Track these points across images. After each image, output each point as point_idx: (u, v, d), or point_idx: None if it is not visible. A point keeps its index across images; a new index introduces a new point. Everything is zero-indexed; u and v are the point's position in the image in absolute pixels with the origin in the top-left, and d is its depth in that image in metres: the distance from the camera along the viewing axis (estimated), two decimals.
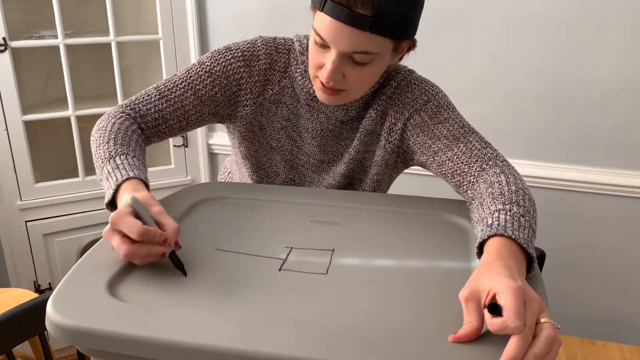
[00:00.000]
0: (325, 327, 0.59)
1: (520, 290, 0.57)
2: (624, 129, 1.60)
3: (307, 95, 0.99)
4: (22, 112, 1.81)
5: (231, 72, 0.98)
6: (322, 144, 1.02)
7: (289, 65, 1.00)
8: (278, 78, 1.00)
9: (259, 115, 1.01)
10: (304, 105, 1.00)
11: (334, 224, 0.85)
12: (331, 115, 0.99)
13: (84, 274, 0.68)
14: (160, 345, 0.56)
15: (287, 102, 1.01)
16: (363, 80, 0.90)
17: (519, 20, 1.61)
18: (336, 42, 0.83)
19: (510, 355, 0.53)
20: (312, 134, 1.01)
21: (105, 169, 0.83)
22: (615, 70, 1.56)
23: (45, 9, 1.84)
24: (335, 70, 0.85)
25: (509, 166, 0.90)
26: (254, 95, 0.99)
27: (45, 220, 1.94)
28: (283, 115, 1.01)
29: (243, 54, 0.98)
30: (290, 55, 1.00)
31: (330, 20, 0.81)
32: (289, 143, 1.03)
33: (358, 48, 0.83)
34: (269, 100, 1.00)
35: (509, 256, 0.66)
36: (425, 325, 0.60)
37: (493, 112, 1.71)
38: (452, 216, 0.89)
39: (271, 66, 0.99)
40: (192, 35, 1.95)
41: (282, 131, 1.02)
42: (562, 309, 1.81)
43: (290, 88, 1.00)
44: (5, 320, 0.98)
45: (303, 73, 0.98)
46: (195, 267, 0.71)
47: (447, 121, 0.95)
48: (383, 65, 0.90)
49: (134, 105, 0.97)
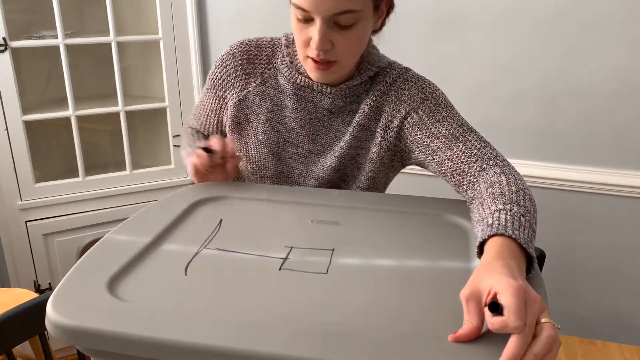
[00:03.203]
0: (325, 327, 0.59)
1: (522, 289, 0.57)
2: (624, 129, 1.60)
3: (293, 85, 1.00)
4: (22, 112, 1.81)
5: (217, 80, 1.06)
6: (311, 134, 1.03)
7: (272, 57, 1.03)
8: (260, 70, 1.03)
9: (244, 108, 1.04)
10: (291, 96, 1.01)
11: (334, 224, 0.85)
12: (318, 103, 1.01)
13: (84, 274, 0.68)
14: (160, 345, 0.56)
15: (271, 93, 1.03)
16: (352, 45, 0.91)
17: (519, 21, 1.61)
18: (318, 8, 0.84)
19: (510, 354, 0.53)
20: (300, 124, 1.03)
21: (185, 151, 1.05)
22: (615, 70, 1.56)
23: (45, 9, 1.84)
24: (323, 39, 0.87)
25: (509, 166, 0.89)
26: (237, 90, 1.04)
27: (45, 220, 1.94)
28: (267, 106, 1.03)
29: (222, 59, 1.05)
30: (276, 49, 1.03)
31: None
32: (274, 135, 1.04)
33: (340, 8, 0.84)
34: (253, 93, 1.03)
35: (509, 256, 0.66)
36: (425, 325, 0.60)
37: (493, 112, 1.71)
38: (452, 216, 0.89)
39: (250, 60, 1.03)
40: (192, 35, 1.95)
41: (267, 123, 1.04)
42: (562, 308, 1.81)
43: (273, 80, 1.03)
44: (5, 320, 0.98)
45: (289, 64, 1.00)
46: (195, 267, 0.71)
47: (446, 120, 0.94)
48: (368, 29, 0.92)
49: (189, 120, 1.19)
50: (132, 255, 0.72)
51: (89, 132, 2.08)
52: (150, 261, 0.72)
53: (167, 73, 1.98)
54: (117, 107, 1.95)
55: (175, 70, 1.99)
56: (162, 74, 1.98)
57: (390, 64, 1.01)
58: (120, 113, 1.95)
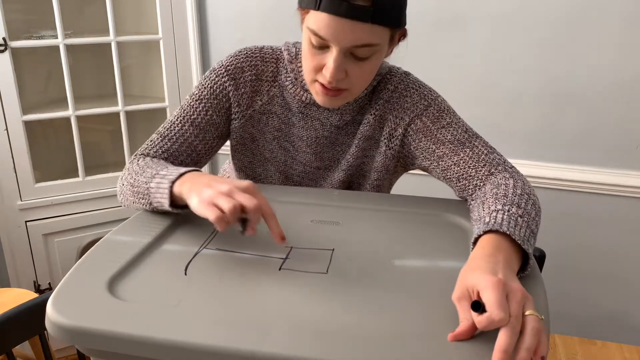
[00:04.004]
0: (325, 327, 0.59)
1: (500, 283, 0.58)
2: (624, 129, 1.60)
3: (299, 103, 0.98)
4: (22, 112, 1.81)
5: (218, 91, 0.98)
6: (318, 152, 1.01)
7: (277, 74, 0.98)
8: (267, 88, 0.99)
9: (250, 127, 1.01)
10: (297, 114, 0.99)
11: (334, 224, 0.85)
12: (325, 121, 0.98)
13: (84, 274, 0.68)
14: (160, 345, 0.56)
15: (278, 111, 1.00)
16: (365, 76, 0.89)
17: (518, 21, 1.61)
18: (338, 38, 0.81)
19: (502, 346, 0.53)
20: (307, 142, 1.00)
21: (153, 183, 0.83)
22: (615, 70, 1.56)
23: (45, 9, 1.84)
24: (339, 68, 0.84)
25: (518, 172, 0.90)
26: (242, 108, 0.99)
27: (45, 220, 1.94)
28: (274, 125, 1.00)
29: (227, 70, 0.97)
30: (279, 64, 0.99)
31: (329, 16, 0.80)
32: (282, 153, 1.02)
33: (360, 41, 0.82)
34: (259, 111, 1.00)
35: (497, 251, 0.66)
36: (425, 325, 0.60)
37: (493, 112, 1.71)
38: (452, 216, 0.89)
39: (257, 77, 0.98)
40: (192, 35, 1.95)
41: (275, 142, 1.02)
42: (562, 309, 1.81)
43: (280, 97, 0.99)
44: (5, 320, 0.98)
45: (294, 81, 0.97)
46: (195, 267, 0.71)
47: (451, 125, 0.94)
48: (381, 59, 0.89)
49: (142, 151, 0.98)
50: (132, 255, 0.72)
51: (89, 132, 2.08)
52: (150, 261, 0.73)
53: (167, 73, 1.98)
54: (117, 107, 1.95)
55: (175, 70, 1.99)
56: (162, 74, 1.98)
57: (390, 70, 0.99)
58: (120, 113, 1.95)
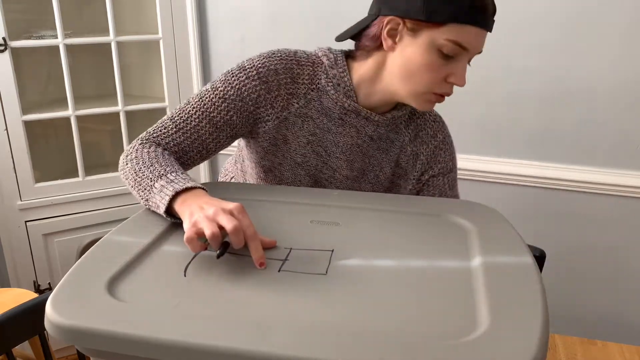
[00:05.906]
0: (324, 328, 0.59)
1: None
2: (624, 129, 1.60)
3: (340, 109, 0.98)
4: (22, 112, 1.81)
5: (246, 93, 0.96)
6: (350, 159, 1.02)
7: (315, 78, 0.98)
8: (304, 91, 0.98)
9: (284, 129, 0.99)
10: (336, 120, 0.99)
11: (334, 224, 0.85)
12: (362, 129, 1.00)
13: (83, 274, 0.68)
14: (160, 345, 0.56)
15: (314, 115, 0.99)
16: None
17: (518, 21, 1.61)
18: (478, 47, 0.89)
19: None
20: (341, 149, 1.01)
21: (158, 184, 0.84)
22: (615, 70, 1.56)
23: (45, 9, 1.84)
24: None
25: None
26: (277, 110, 0.97)
27: (45, 220, 1.94)
28: (309, 129, 1.00)
29: (258, 72, 0.95)
30: (317, 69, 0.98)
31: (477, 29, 0.87)
32: (314, 158, 1.02)
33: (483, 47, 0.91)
34: (295, 114, 0.99)
35: None
36: (425, 325, 0.60)
37: (493, 112, 1.71)
38: (452, 216, 0.89)
39: (293, 80, 0.97)
40: (192, 35, 1.95)
41: (308, 146, 1.01)
42: (562, 309, 1.81)
43: (317, 102, 0.98)
44: (5, 320, 0.98)
45: (336, 87, 0.97)
46: (195, 267, 0.71)
47: (452, 171, 1.09)
48: None
49: (154, 138, 0.96)
50: (131, 256, 0.72)
51: (88, 132, 2.08)
52: (150, 262, 0.72)
53: (166, 73, 1.98)
54: (116, 107, 1.95)
55: (175, 70, 1.99)
56: (162, 74, 1.98)
57: None
58: (120, 113, 1.96)
